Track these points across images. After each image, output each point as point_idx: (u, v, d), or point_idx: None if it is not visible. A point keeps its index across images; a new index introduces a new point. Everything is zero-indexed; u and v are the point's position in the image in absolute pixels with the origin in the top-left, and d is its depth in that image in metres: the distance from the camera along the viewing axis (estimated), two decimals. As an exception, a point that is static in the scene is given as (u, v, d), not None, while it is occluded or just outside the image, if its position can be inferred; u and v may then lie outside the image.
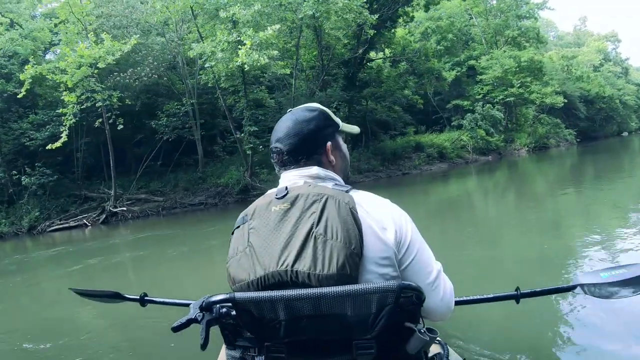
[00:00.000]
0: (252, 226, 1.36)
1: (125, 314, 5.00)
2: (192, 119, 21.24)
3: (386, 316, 1.20)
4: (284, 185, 1.45)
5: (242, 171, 20.50)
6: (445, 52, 38.32)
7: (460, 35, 41.77)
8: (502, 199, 14.35)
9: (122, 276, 8.80)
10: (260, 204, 1.42)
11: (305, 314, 1.21)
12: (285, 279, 1.25)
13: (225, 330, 1.35)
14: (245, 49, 15.79)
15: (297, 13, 18.25)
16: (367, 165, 24.60)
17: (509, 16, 41.56)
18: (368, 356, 1.22)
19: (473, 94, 35.95)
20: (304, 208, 1.32)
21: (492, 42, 41.36)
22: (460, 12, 41.47)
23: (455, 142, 31.46)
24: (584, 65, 60.25)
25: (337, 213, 1.29)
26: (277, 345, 1.25)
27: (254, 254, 1.31)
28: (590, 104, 53.94)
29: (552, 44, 79.37)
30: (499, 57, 35.85)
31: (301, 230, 1.28)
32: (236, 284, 1.32)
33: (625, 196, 11.34)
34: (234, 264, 1.35)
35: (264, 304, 1.22)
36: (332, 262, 1.22)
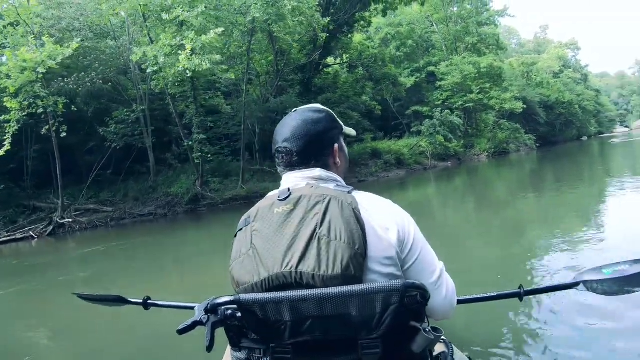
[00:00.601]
0: (255, 228, 1.36)
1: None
2: (143, 126, 20.46)
3: (391, 316, 1.20)
4: (286, 187, 1.45)
5: (193, 180, 19.86)
6: (405, 59, 38.42)
7: (421, 42, 41.98)
8: (462, 205, 14.16)
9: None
10: (262, 205, 1.42)
11: (310, 314, 1.21)
12: (289, 281, 1.25)
13: (230, 332, 1.33)
14: (186, 54, 15.22)
15: (247, 16, 17.74)
16: None
17: (469, 23, 41.88)
18: (374, 356, 1.22)
19: (433, 100, 35.94)
20: (307, 209, 1.32)
21: (452, 49, 41.59)
22: (421, 18, 41.66)
23: (414, 149, 31.14)
24: (544, 72, 61.28)
25: (340, 214, 1.29)
26: (282, 346, 1.25)
27: (257, 255, 1.31)
28: (550, 110, 54.91)
29: (513, 51, 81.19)
30: (458, 64, 36.01)
31: (305, 232, 1.28)
32: (240, 287, 1.32)
33: (585, 200, 11.52)
34: (237, 267, 1.35)
35: (269, 305, 1.22)
36: (336, 262, 1.23)
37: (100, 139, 19.95)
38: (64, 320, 5.84)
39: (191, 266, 8.56)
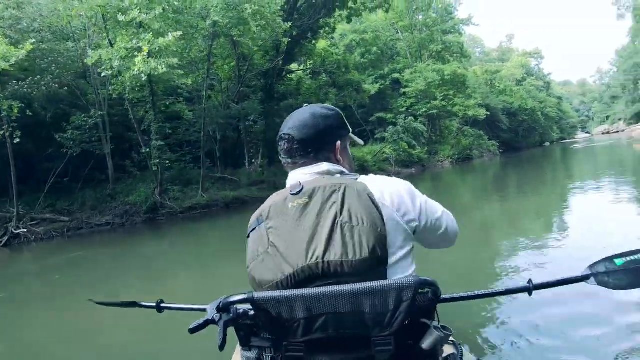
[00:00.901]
0: (271, 225, 1.35)
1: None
2: (101, 132, 19.77)
3: (404, 312, 1.20)
4: (296, 181, 1.47)
5: (152, 188, 19.16)
6: (370, 65, 38.51)
7: (386, 50, 42.14)
8: None
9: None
10: (275, 201, 1.41)
11: (323, 311, 1.21)
12: (316, 272, 1.25)
13: (240, 331, 1.33)
14: (142, 56, 14.72)
15: (207, 20, 17.29)
16: (284, 180, 22.54)
17: (434, 31, 42.24)
18: (386, 353, 1.22)
19: (397, 107, 36.04)
20: (323, 200, 1.33)
21: (417, 56, 41.85)
22: (386, 26, 41.84)
23: (378, 155, 31.11)
24: (508, 80, 62.33)
25: (358, 200, 1.32)
26: (295, 344, 1.24)
27: (277, 253, 1.30)
28: (513, 116, 55.81)
29: (477, 59, 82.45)
30: (422, 71, 36.19)
31: (325, 221, 1.29)
32: (263, 287, 1.31)
33: (548, 203, 11.71)
34: (257, 267, 1.33)
35: (282, 303, 1.21)
36: (362, 246, 1.24)
37: (59, 146, 19.33)
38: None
39: (151, 281, 7.96)
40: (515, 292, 1.66)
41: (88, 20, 18.82)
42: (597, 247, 5.86)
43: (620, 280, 1.57)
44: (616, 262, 1.59)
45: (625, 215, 8.43)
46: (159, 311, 1.98)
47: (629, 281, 1.56)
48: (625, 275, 1.56)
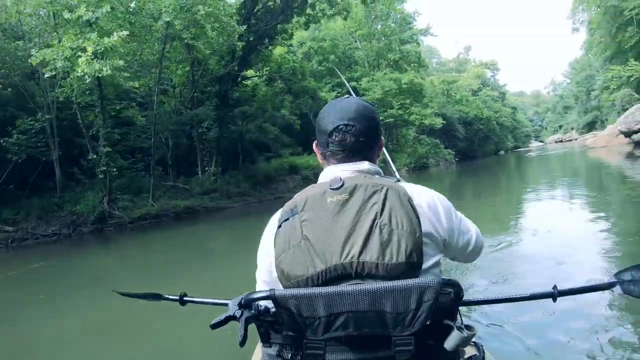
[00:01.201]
0: (305, 218, 1.31)
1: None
2: (49, 137, 18.75)
3: (426, 312, 1.19)
4: (337, 176, 1.40)
5: (100, 197, 18.15)
6: (327, 73, 38.48)
7: (344, 58, 42.25)
8: None
9: None
10: (312, 194, 1.36)
11: (344, 310, 1.19)
12: (349, 271, 1.24)
13: (261, 328, 1.32)
14: (87, 57, 14.03)
15: (159, 21, 16.68)
16: (238, 189, 22.83)
17: (392, 40, 42.53)
18: (406, 353, 1.21)
19: (354, 116, 36.02)
20: (364, 198, 1.30)
21: (374, 65, 42.08)
22: (344, 34, 41.96)
23: None
24: (464, 90, 63.39)
25: (399, 203, 1.29)
26: (315, 341, 1.23)
27: (311, 247, 1.26)
28: (468, 125, 56.95)
29: (434, 69, 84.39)
30: (379, 79, 36.38)
31: (364, 221, 1.26)
32: (292, 280, 1.27)
33: (503, 208, 11.96)
34: (287, 259, 1.29)
35: (304, 300, 1.20)
36: (400, 251, 1.23)
37: (4, 151, 18.37)
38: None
39: (97, 299, 6.99)
40: (539, 298, 1.59)
41: (37, 18, 18.09)
42: (550, 246, 6.25)
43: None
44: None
45: (580, 221, 8.67)
46: (182, 304, 1.92)
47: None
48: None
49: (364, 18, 42.19)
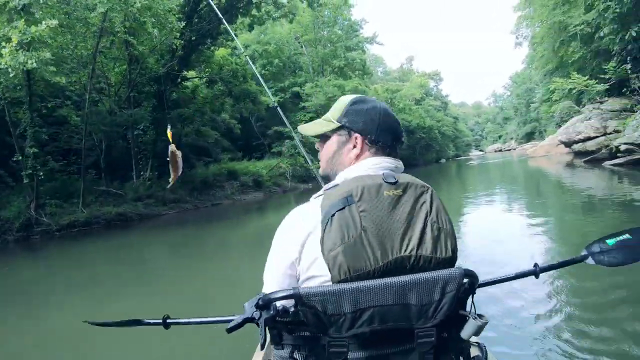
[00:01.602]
0: (364, 209, 1.28)
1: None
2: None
3: (448, 303, 1.22)
4: (388, 171, 1.43)
5: (27, 202, 16.65)
6: (271, 78, 38.12)
7: (289, 63, 41.98)
8: None
9: None
10: (367, 185, 1.32)
11: (371, 305, 1.20)
12: (406, 264, 1.25)
13: (274, 329, 1.29)
14: (10, 48, 12.97)
15: (93, 12, 15.61)
16: (173, 195, 21.78)
17: (337, 47, 42.54)
18: (428, 345, 1.23)
19: (296, 121, 35.80)
20: (416, 196, 1.33)
21: (319, 71, 41.99)
22: (290, 39, 41.73)
23: (274, 170, 30.29)
24: (407, 99, 63.98)
25: (441, 205, 1.35)
26: (338, 339, 1.22)
27: (371, 239, 1.25)
28: (411, 134, 57.52)
29: (379, 78, 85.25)
30: (323, 85, 36.32)
31: (418, 217, 1.29)
32: (352, 274, 1.23)
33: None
34: (347, 251, 1.24)
35: (330, 297, 1.19)
36: (447, 247, 1.28)
37: None
38: None
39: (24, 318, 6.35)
40: (523, 276, 1.68)
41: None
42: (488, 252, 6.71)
43: (614, 257, 1.71)
44: (608, 242, 1.74)
45: (516, 223, 9.26)
46: (166, 327, 1.75)
47: (622, 258, 1.71)
48: (617, 253, 1.71)
49: (311, 23, 42.06)
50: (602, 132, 25.21)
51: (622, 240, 1.73)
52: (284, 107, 36.36)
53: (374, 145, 1.52)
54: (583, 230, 8.06)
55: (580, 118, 28.45)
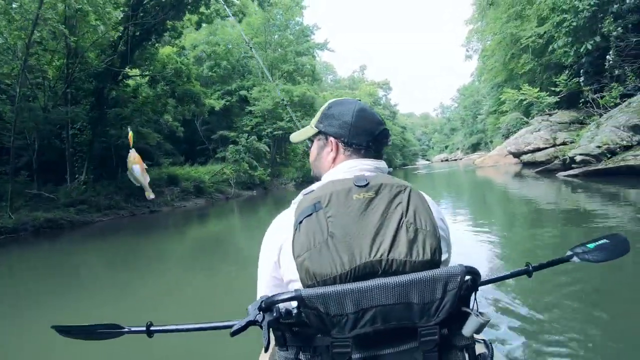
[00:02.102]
0: (331, 214, 1.30)
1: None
2: None
3: (450, 301, 1.22)
4: (360, 173, 1.45)
5: None
6: (218, 80, 37.01)
7: (238, 66, 40.82)
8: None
9: None
10: (336, 190, 1.34)
11: (373, 305, 1.20)
12: (377, 269, 1.24)
13: (278, 331, 1.30)
14: None
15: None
16: (109, 201, 20.33)
17: (288, 51, 41.82)
18: (431, 343, 1.24)
19: (241, 126, 34.94)
20: (390, 197, 1.32)
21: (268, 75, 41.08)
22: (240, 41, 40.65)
23: (217, 176, 29.00)
24: None
25: (422, 204, 1.33)
26: (341, 339, 1.23)
27: (338, 244, 1.25)
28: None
29: (330, 86, 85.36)
30: (271, 90, 35.41)
31: (391, 219, 1.29)
32: (318, 280, 1.24)
33: None
34: (313, 257, 1.25)
35: (332, 298, 1.19)
36: (425, 249, 1.26)
37: None
38: None
39: None
40: (518, 275, 1.74)
41: None
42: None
43: (597, 255, 1.86)
44: (589, 246, 1.90)
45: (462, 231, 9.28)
46: (149, 335, 1.60)
47: (604, 256, 1.85)
48: (599, 252, 1.86)
49: (262, 26, 41.14)
50: (552, 144, 25.56)
51: (601, 244, 1.90)
52: (230, 111, 35.58)
53: (349, 147, 1.57)
54: (535, 243, 7.89)
55: (529, 129, 28.98)
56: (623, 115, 17.27)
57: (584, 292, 4.84)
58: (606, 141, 16.91)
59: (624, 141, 16.51)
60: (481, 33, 46.49)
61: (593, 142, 17.78)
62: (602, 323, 4.04)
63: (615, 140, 16.76)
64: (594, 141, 17.79)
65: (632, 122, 16.34)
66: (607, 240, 1.91)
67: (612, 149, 16.72)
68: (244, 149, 29.42)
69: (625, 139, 16.52)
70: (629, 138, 16.43)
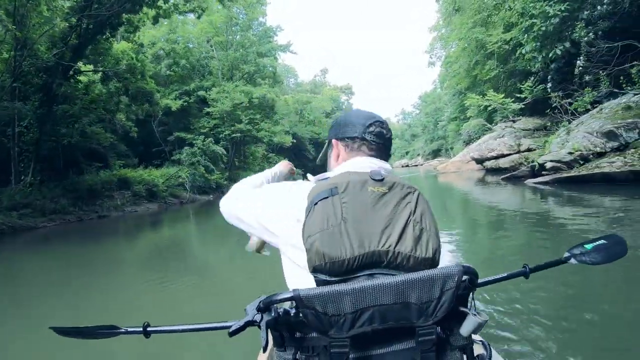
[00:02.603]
0: (346, 200, 1.32)
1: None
2: None
3: (448, 300, 1.22)
4: (376, 169, 1.45)
5: None
6: (177, 80, 35.65)
7: (198, 66, 39.44)
8: (224, 243, 11.88)
9: None
10: (353, 179, 1.38)
11: (371, 305, 1.20)
12: (382, 259, 1.26)
13: (276, 331, 1.30)
14: None
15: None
16: (54, 205, 18.96)
17: (249, 52, 40.64)
18: (429, 342, 1.24)
19: (198, 128, 33.73)
20: (401, 196, 1.36)
21: (228, 76, 39.79)
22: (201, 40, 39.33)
23: (172, 179, 27.63)
24: (317, 111, 64.46)
25: (427, 208, 1.38)
26: (339, 339, 1.22)
27: (350, 229, 1.27)
28: (319, 146, 56.79)
29: (291, 90, 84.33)
30: (230, 91, 34.20)
31: (400, 215, 1.31)
32: (326, 260, 1.26)
33: None
34: (325, 239, 1.27)
35: (330, 298, 1.19)
36: (428, 248, 1.29)
37: None
38: None
39: None
40: (515, 276, 1.71)
41: None
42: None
43: (594, 257, 1.84)
44: (586, 246, 1.88)
45: None
46: (146, 336, 1.55)
47: (601, 258, 1.84)
48: (597, 254, 1.84)
49: (224, 25, 39.76)
50: (516, 150, 25.25)
51: (598, 245, 1.87)
52: (188, 112, 34.27)
53: (361, 146, 1.60)
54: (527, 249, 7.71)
55: (492, 135, 28.73)
56: (595, 121, 16.67)
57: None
58: (578, 147, 16.34)
59: (597, 148, 15.89)
60: (445, 40, 46.51)
61: (564, 148, 17.18)
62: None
63: (588, 147, 16.17)
64: (565, 147, 17.20)
65: (606, 128, 15.68)
66: (604, 241, 1.90)
67: (585, 155, 16.15)
68: (200, 152, 28.03)
69: (598, 145, 15.89)
70: (602, 144, 15.79)
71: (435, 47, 55.98)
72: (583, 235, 7.68)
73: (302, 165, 50.43)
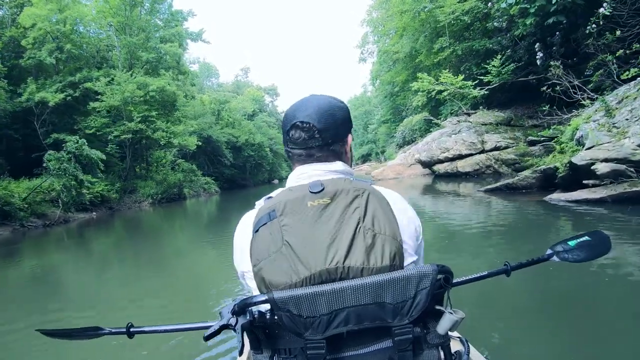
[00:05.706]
0: (285, 223, 1.28)
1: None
2: None
3: (423, 299, 1.21)
4: (316, 179, 1.40)
5: None
6: (64, 69, 29.01)
7: (93, 53, 32.38)
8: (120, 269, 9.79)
9: None
10: (290, 198, 1.33)
11: (346, 306, 1.20)
12: (333, 277, 1.23)
13: (252, 334, 1.29)
14: None
15: None
16: None
17: (150, 36, 33.94)
18: (406, 341, 1.23)
19: (83, 128, 27.21)
20: (346, 203, 1.30)
21: (128, 66, 32.82)
22: (103, 25, 32.44)
23: (37, 194, 20.50)
24: (237, 112, 60.82)
25: (380, 208, 1.30)
26: (315, 341, 1.21)
27: (292, 253, 1.25)
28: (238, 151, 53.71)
29: (213, 90, 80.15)
30: (122, 82, 27.70)
31: (347, 226, 1.26)
32: (273, 288, 1.24)
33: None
34: (268, 266, 1.26)
35: (305, 300, 1.18)
36: (384, 255, 1.24)
37: None
38: None
39: None
40: (496, 274, 1.70)
41: None
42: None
43: (577, 255, 1.80)
44: (570, 243, 1.84)
45: None
46: (130, 336, 1.62)
47: (584, 255, 1.80)
48: (579, 251, 1.81)
49: (122, 3, 32.90)
50: (480, 149, 20.43)
51: (582, 242, 1.83)
52: (72, 107, 27.40)
53: (292, 156, 1.51)
54: None
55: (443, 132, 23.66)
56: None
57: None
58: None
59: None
60: (383, 24, 42.25)
61: (626, 137, 9.79)
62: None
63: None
64: (628, 136, 9.80)
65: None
66: (588, 238, 1.85)
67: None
68: (68, 157, 21.05)
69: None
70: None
71: (368, 40, 52.50)
72: None
73: (218, 172, 45.96)
